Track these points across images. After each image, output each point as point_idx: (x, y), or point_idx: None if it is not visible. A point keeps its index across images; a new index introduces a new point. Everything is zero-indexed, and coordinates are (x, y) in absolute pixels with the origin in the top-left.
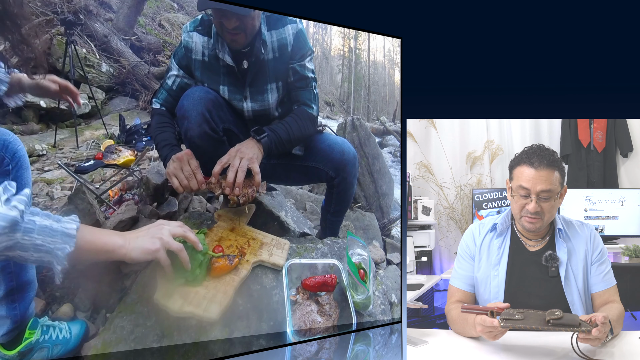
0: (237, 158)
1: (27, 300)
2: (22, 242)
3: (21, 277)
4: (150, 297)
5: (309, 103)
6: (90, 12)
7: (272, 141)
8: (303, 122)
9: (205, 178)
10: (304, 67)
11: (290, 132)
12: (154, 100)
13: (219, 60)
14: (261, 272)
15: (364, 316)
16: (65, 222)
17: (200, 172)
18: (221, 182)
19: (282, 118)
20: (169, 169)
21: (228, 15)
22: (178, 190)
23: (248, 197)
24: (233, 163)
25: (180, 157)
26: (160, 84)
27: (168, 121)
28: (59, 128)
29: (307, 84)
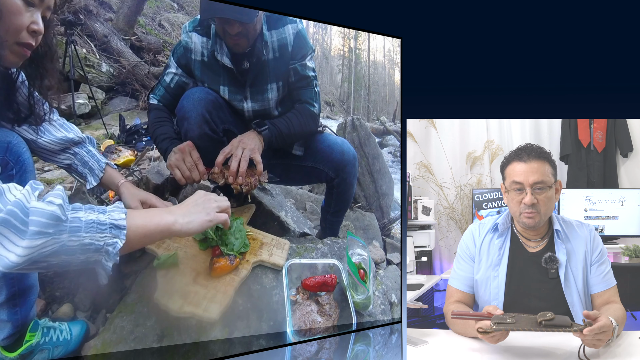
0: (240, 148)
1: (28, 305)
2: (69, 244)
3: (23, 281)
4: (150, 297)
5: (310, 101)
6: (90, 12)
7: (272, 134)
8: (304, 118)
9: (207, 169)
10: (305, 66)
11: (291, 127)
12: (151, 96)
13: (218, 60)
14: (261, 272)
15: (364, 316)
16: (113, 212)
17: (202, 163)
18: (224, 171)
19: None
20: (171, 161)
21: (230, 21)
22: (180, 182)
23: (251, 186)
24: (236, 153)
25: (182, 149)
26: (158, 80)
27: (166, 116)
28: None
29: (309, 83)
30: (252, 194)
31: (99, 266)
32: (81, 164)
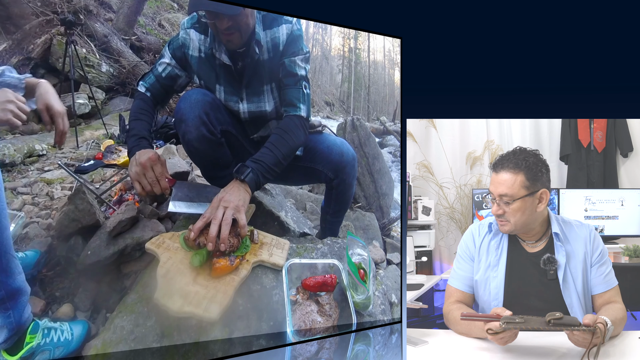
0: (220, 209)
1: (20, 307)
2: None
3: (9, 285)
4: (150, 297)
5: (295, 103)
6: (90, 12)
7: (258, 175)
8: (289, 135)
9: (170, 181)
10: (293, 63)
11: (278, 154)
12: (141, 83)
13: (215, 58)
14: (261, 272)
15: (364, 316)
16: None
17: (165, 178)
18: (200, 238)
19: (279, 120)
20: (131, 172)
21: (219, 16)
22: (141, 195)
23: (234, 247)
24: (215, 215)
25: (143, 164)
26: (150, 69)
27: (147, 109)
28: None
29: (296, 82)
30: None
31: None
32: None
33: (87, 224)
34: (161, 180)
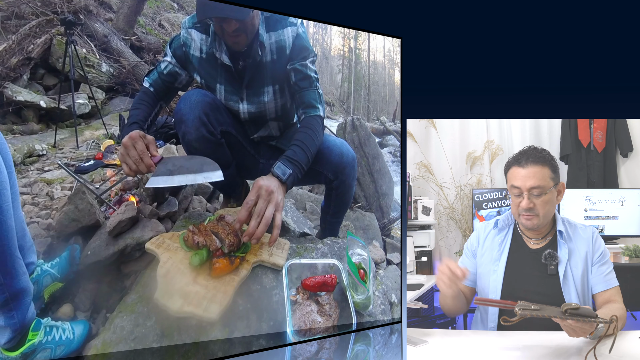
0: (265, 202)
1: (24, 307)
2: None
3: (13, 286)
4: (150, 297)
5: (314, 104)
6: (90, 12)
7: (295, 177)
8: (316, 134)
9: (155, 158)
10: (306, 66)
11: (309, 154)
12: (145, 79)
13: (216, 58)
14: (261, 272)
15: (364, 316)
16: None
17: (148, 155)
18: (200, 238)
19: (280, 121)
20: (119, 155)
21: (228, 20)
22: (130, 176)
23: (234, 247)
24: (259, 208)
25: (125, 143)
26: (155, 66)
27: (147, 100)
28: (59, 128)
29: (311, 84)
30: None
31: None
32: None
33: (87, 224)
34: (144, 157)
